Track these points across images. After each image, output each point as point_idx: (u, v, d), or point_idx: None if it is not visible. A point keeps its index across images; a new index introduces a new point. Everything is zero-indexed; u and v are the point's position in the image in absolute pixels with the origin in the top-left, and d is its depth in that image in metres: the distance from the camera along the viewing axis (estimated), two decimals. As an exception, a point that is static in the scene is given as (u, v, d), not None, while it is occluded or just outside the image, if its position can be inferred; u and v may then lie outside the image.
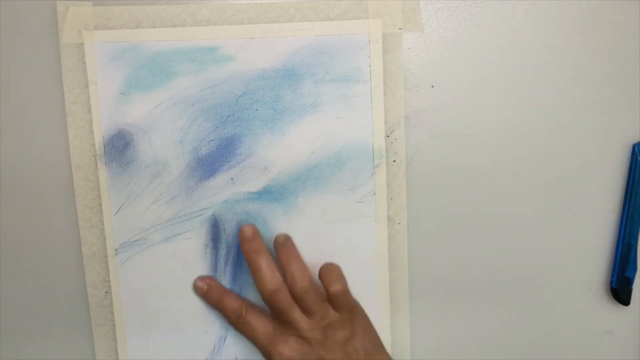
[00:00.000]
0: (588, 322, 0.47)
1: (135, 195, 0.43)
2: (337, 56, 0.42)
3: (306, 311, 0.40)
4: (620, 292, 0.46)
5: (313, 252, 0.44)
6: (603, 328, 0.48)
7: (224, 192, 0.44)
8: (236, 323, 0.42)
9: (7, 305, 0.44)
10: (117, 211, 0.43)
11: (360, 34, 0.42)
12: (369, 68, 0.43)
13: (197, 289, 0.44)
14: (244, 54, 0.42)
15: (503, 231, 0.46)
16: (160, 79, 0.42)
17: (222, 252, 0.44)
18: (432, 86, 0.44)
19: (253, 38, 0.42)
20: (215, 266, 0.44)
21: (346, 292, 0.41)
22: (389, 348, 0.45)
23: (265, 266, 0.40)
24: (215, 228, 0.44)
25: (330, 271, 0.41)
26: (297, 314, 0.40)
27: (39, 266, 0.44)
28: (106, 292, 0.44)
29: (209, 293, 0.43)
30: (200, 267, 0.44)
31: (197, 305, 0.45)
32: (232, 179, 0.43)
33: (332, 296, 0.40)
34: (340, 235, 0.44)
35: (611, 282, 0.46)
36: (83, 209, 0.43)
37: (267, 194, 0.44)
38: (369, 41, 0.42)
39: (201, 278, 0.44)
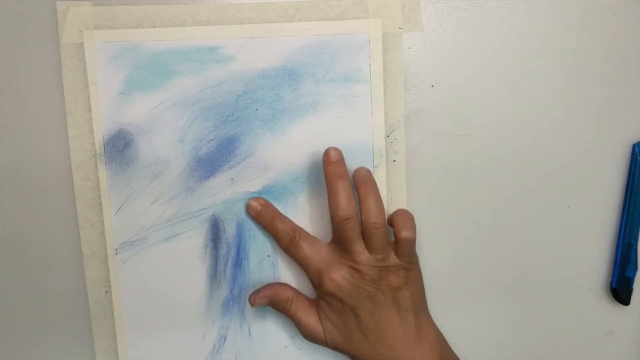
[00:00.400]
0: (588, 322, 0.47)
1: (135, 195, 0.43)
2: (337, 56, 0.42)
3: (370, 247, 0.40)
4: (620, 292, 0.46)
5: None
6: (603, 328, 0.48)
7: (224, 192, 0.44)
8: (288, 246, 0.42)
9: (6, 305, 0.44)
10: (117, 211, 0.43)
11: (360, 34, 0.42)
12: (369, 68, 0.43)
13: (249, 209, 0.43)
14: (244, 54, 0.42)
15: (503, 231, 0.46)
16: (160, 78, 0.42)
17: (222, 252, 0.44)
18: (432, 86, 0.44)
19: (253, 38, 0.42)
20: (215, 266, 0.44)
21: (414, 242, 0.41)
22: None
23: (344, 192, 0.40)
24: (215, 228, 0.44)
25: (405, 218, 0.41)
26: (360, 247, 0.40)
27: (39, 266, 0.44)
28: (106, 292, 0.44)
29: (262, 214, 0.43)
30: (200, 267, 0.44)
31: (198, 305, 0.45)
32: (232, 178, 0.43)
33: (400, 241, 0.40)
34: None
35: (611, 282, 0.46)
36: (83, 209, 0.43)
37: (267, 193, 0.44)
38: (369, 41, 0.42)
39: (255, 198, 0.43)
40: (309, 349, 0.46)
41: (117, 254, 0.44)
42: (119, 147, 0.43)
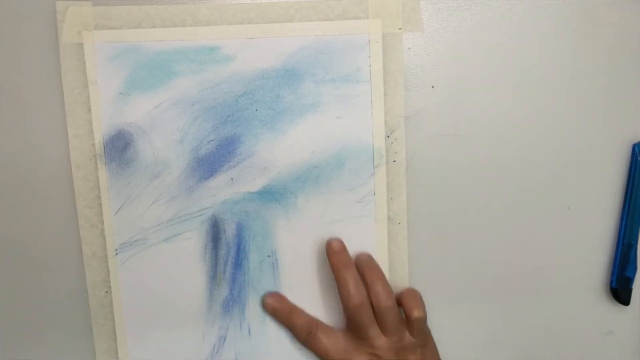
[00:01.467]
0: (588, 322, 0.47)
1: (135, 195, 0.43)
2: (337, 56, 0.42)
3: (384, 330, 0.41)
4: (620, 292, 0.46)
5: (313, 252, 0.44)
6: (603, 328, 0.48)
7: (223, 192, 0.44)
8: (306, 340, 0.43)
9: (7, 305, 0.44)
10: (117, 211, 0.43)
11: (360, 34, 0.42)
12: (369, 68, 0.43)
13: (266, 306, 0.44)
14: (243, 54, 0.42)
15: (503, 231, 0.46)
16: (160, 79, 0.42)
17: (222, 252, 0.44)
18: (432, 86, 0.43)
19: (253, 38, 0.42)
20: (215, 266, 0.44)
21: (425, 319, 0.42)
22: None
23: (353, 281, 0.41)
24: (215, 228, 0.44)
25: (414, 297, 0.42)
26: (375, 331, 0.41)
27: (39, 266, 0.44)
28: (106, 292, 0.44)
29: (278, 310, 0.44)
30: (200, 267, 0.44)
31: (197, 305, 0.45)
32: (232, 179, 0.43)
33: (412, 321, 0.41)
34: (340, 236, 0.44)
35: (611, 282, 0.46)
36: (83, 209, 0.43)
37: (267, 194, 0.44)
38: (369, 41, 0.42)
39: (270, 294, 0.44)
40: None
41: (117, 254, 0.44)
42: (119, 147, 0.43)
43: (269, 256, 0.44)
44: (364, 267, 0.42)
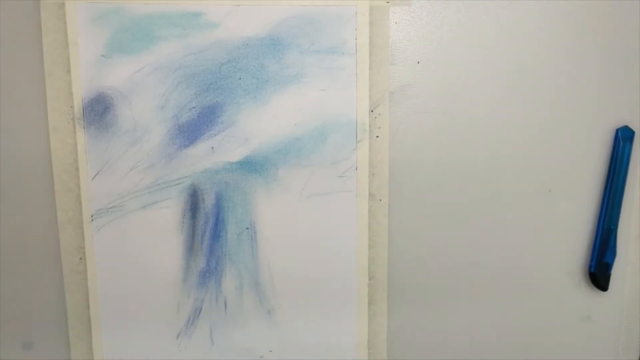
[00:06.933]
0: (566, 307, 0.47)
1: (114, 160, 0.42)
2: (323, 27, 0.42)
3: None
4: (598, 277, 0.46)
5: (292, 226, 0.44)
6: (581, 313, 0.47)
7: (204, 161, 0.43)
8: None
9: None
10: (95, 176, 0.42)
11: (348, 6, 0.42)
12: (355, 41, 0.42)
13: None
14: (229, 21, 0.41)
15: (484, 211, 0.45)
16: (143, 42, 0.41)
17: (200, 222, 0.44)
18: (418, 62, 0.43)
19: (239, 5, 0.41)
20: (192, 237, 0.44)
21: None
22: (365, 327, 0.45)
23: None
24: (194, 197, 0.43)
25: None
26: None
27: (12, 231, 0.43)
28: (80, 259, 0.43)
29: None
30: (177, 237, 0.44)
31: (173, 275, 0.44)
32: (212, 148, 0.43)
33: None
34: (320, 210, 0.44)
35: (590, 266, 0.46)
36: (60, 173, 0.42)
37: (248, 164, 0.43)
38: (356, 13, 0.42)
39: None
40: (286, 322, 0.45)
41: (92, 220, 0.43)
42: (99, 111, 0.42)
43: (247, 228, 0.44)
44: None
